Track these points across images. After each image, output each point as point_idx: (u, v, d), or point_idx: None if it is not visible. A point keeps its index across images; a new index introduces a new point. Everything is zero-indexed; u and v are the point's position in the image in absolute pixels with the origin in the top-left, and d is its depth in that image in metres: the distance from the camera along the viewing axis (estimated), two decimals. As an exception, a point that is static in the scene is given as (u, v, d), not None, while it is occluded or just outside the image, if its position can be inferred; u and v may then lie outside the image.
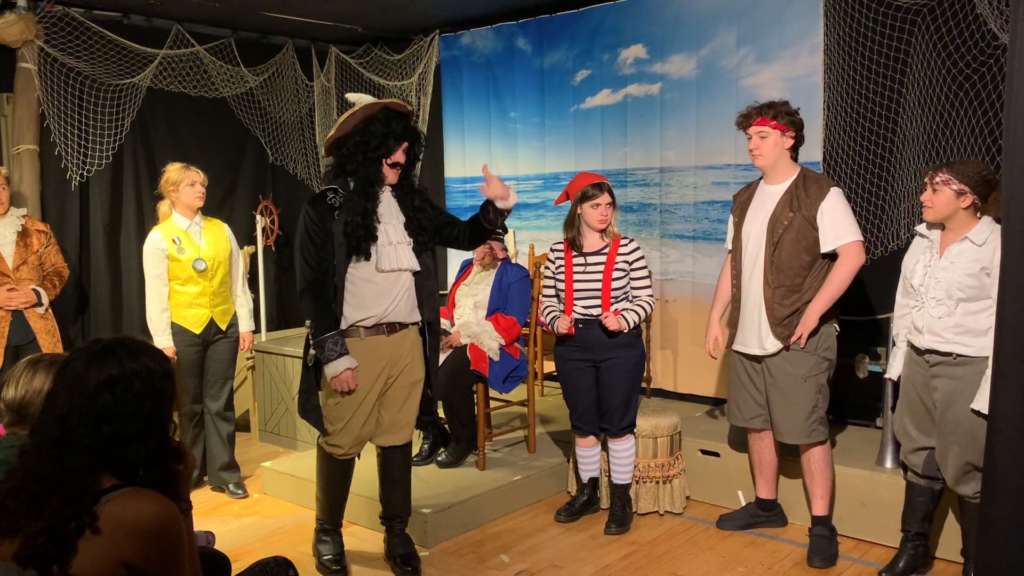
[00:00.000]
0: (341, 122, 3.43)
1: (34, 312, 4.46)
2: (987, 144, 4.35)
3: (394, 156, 3.46)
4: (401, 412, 3.64)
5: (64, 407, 1.86)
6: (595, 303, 4.03)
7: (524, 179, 6.31)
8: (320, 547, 3.75)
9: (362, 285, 3.44)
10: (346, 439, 3.54)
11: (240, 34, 6.39)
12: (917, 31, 4.48)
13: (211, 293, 4.56)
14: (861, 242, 3.72)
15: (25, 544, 1.77)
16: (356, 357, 3.44)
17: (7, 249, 4.44)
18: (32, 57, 5.35)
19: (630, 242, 4.09)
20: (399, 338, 3.56)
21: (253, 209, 6.39)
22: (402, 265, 3.50)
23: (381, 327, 3.51)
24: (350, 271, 3.43)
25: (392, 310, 3.51)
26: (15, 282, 4.40)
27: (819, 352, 3.77)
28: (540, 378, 5.76)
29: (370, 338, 3.49)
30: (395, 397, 3.61)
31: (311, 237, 3.41)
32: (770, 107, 3.80)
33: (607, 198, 4.02)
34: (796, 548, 3.91)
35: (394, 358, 3.55)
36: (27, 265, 4.47)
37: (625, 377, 4.07)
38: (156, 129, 6.11)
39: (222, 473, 4.77)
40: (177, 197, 4.53)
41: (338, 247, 3.40)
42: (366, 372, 3.47)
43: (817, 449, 3.82)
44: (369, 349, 3.48)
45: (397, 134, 3.44)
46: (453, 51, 6.58)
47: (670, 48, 5.39)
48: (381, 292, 3.47)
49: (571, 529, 4.22)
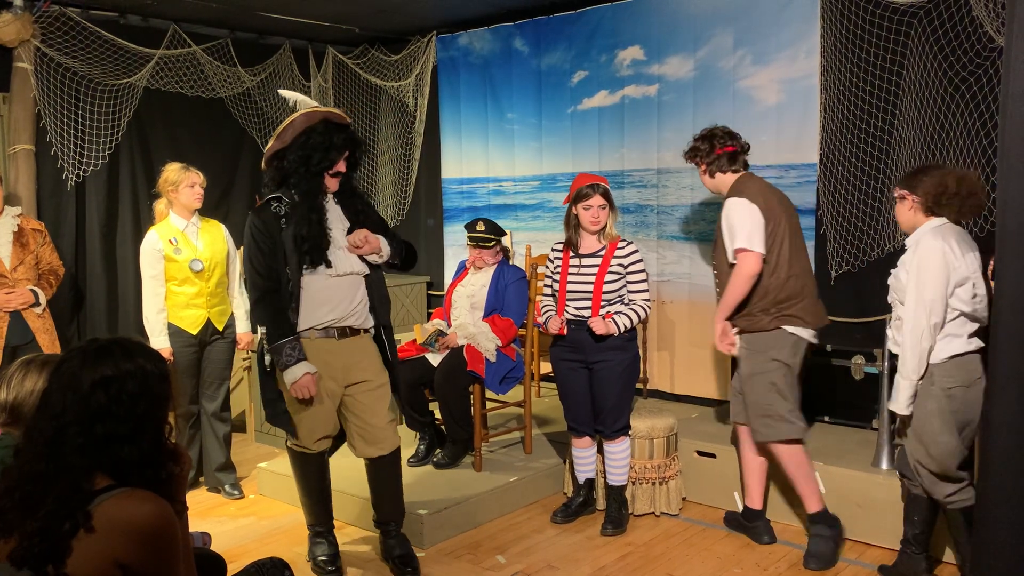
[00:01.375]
0: (278, 134, 3.44)
1: (32, 312, 4.43)
2: (983, 147, 4.36)
3: (336, 167, 3.48)
4: (377, 418, 3.61)
5: (58, 406, 1.86)
6: (587, 304, 4.03)
7: (521, 180, 6.31)
8: (315, 548, 3.75)
9: (315, 292, 3.47)
10: (310, 439, 3.58)
11: (237, 34, 6.39)
12: (914, 33, 4.49)
13: (208, 294, 4.56)
14: (748, 250, 3.74)
15: (20, 544, 1.77)
16: (309, 359, 3.45)
17: (4, 250, 4.39)
18: (28, 57, 5.34)
19: (627, 245, 4.08)
20: (350, 343, 3.56)
21: (249, 209, 6.38)
22: (353, 269, 3.53)
23: (332, 331, 3.52)
24: (304, 279, 3.45)
25: (347, 314, 3.52)
26: (12, 282, 4.37)
27: (766, 352, 3.80)
28: (537, 379, 5.76)
29: (320, 340, 3.50)
30: (364, 403, 3.59)
31: (259, 246, 3.43)
32: (692, 152, 4.07)
33: (599, 200, 4.00)
34: (793, 550, 3.91)
35: (347, 363, 3.54)
36: (24, 265, 4.43)
37: (617, 380, 4.06)
38: (153, 129, 6.10)
39: (218, 474, 4.77)
40: (176, 197, 4.52)
41: (289, 255, 3.42)
42: (319, 374, 3.48)
43: (782, 448, 3.83)
44: (320, 351, 3.49)
45: (338, 146, 3.44)
46: (450, 52, 6.58)
47: (667, 50, 5.40)
48: (334, 297, 3.49)
49: (567, 530, 4.21)
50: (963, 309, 3.26)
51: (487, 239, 4.69)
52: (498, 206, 6.41)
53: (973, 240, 3.42)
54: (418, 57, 6.57)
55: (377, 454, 3.65)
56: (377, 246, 3.55)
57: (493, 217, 5.75)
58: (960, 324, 3.29)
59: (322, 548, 3.73)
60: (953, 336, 3.29)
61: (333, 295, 3.49)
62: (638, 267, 4.07)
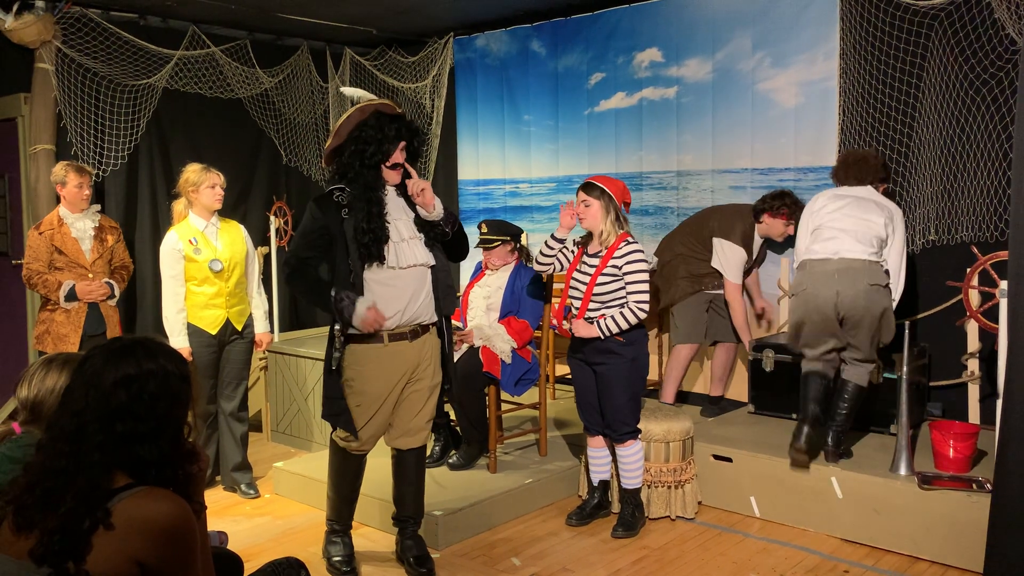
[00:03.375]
0: (336, 130, 3.44)
1: (107, 304, 4.74)
2: (1004, 150, 4.33)
3: (392, 158, 3.45)
4: (419, 416, 3.63)
5: (79, 402, 1.87)
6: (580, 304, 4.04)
7: (537, 181, 6.31)
8: (330, 548, 3.75)
9: (380, 288, 3.42)
10: (363, 436, 3.56)
11: (256, 35, 6.42)
12: (934, 35, 4.46)
13: (227, 294, 4.58)
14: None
15: (40, 541, 1.78)
16: (380, 362, 3.44)
17: (86, 244, 4.70)
18: (50, 57, 5.39)
19: (627, 245, 3.99)
20: (421, 343, 3.55)
21: (267, 210, 6.41)
22: (418, 260, 3.49)
23: (405, 333, 3.49)
24: (367, 275, 3.42)
25: (414, 310, 3.50)
26: (92, 275, 4.67)
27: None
28: (552, 381, 5.75)
29: (393, 344, 3.48)
30: (414, 400, 3.60)
31: (304, 229, 3.46)
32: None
33: (581, 195, 4.01)
34: (809, 555, 3.89)
35: (416, 363, 3.54)
36: (101, 259, 4.75)
37: (617, 384, 4.02)
38: (172, 130, 6.14)
39: (234, 473, 4.79)
40: (196, 198, 4.54)
41: (350, 246, 3.39)
42: (388, 376, 3.48)
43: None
44: (394, 355, 3.47)
45: (391, 137, 3.42)
46: (467, 53, 6.58)
47: (686, 52, 5.39)
48: (400, 293, 3.45)
49: (582, 533, 4.21)
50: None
51: (489, 240, 4.68)
52: (514, 208, 6.41)
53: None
54: (435, 58, 6.59)
55: (408, 445, 3.66)
56: (431, 200, 3.47)
57: (509, 218, 5.76)
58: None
59: (337, 548, 3.74)
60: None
61: (400, 290, 3.44)
62: (634, 267, 3.96)
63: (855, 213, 4.07)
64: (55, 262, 4.61)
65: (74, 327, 4.63)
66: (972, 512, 3.61)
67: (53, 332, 4.62)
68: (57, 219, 4.68)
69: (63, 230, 4.65)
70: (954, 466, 3.91)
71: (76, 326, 4.63)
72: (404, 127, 3.46)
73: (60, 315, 4.62)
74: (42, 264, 4.59)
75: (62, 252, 4.62)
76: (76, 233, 4.68)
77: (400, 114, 3.52)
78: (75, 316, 4.63)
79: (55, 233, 4.63)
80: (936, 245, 4.61)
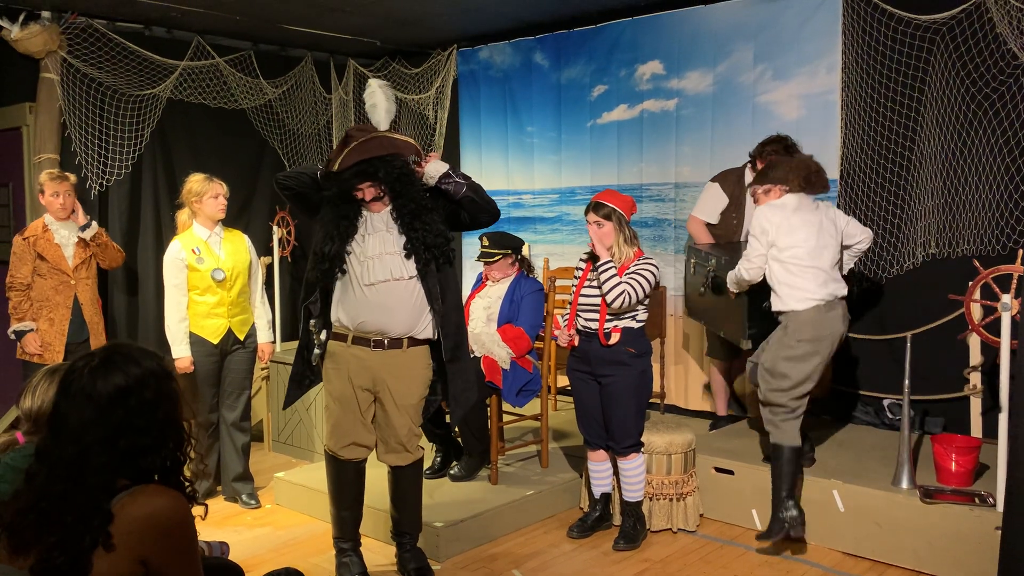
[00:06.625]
0: (332, 158, 3.45)
1: (92, 308, 4.82)
2: (1006, 164, 4.33)
3: (363, 195, 3.44)
4: (396, 433, 3.59)
5: (76, 425, 1.83)
6: (595, 316, 4.03)
7: (540, 193, 6.33)
8: (342, 571, 3.68)
9: (350, 295, 3.48)
10: (335, 442, 3.60)
11: (260, 46, 6.45)
12: (936, 50, 4.47)
13: (229, 303, 4.59)
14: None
15: (40, 558, 1.77)
16: (340, 363, 3.53)
17: (68, 251, 4.75)
18: (55, 67, 5.41)
19: (644, 260, 4.05)
20: (384, 356, 3.51)
21: (270, 220, 6.43)
22: (391, 276, 3.44)
23: (368, 340, 3.51)
24: (338, 284, 3.51)
25: (384, 322, 3.46)
26: (75, 281, 4.73)
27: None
28: (554, 393, 5.75)
29: (355, 347, 3.53)
30: (389, 417, 3.59)
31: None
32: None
33: (593, 216, 4.04)
34: (811, 568, 3.88)
35: (378, 375, 3.52)
36: (84, 264, 4.79)
37: (623, 396, 4.03)
38: (175, 140, 6.15)
39: (235, 484, 4.78)
40: (200, 208, 4.56)
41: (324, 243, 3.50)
42: (346, 377, 3.53)
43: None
44: (352, 358, 3.52)
45: (349, 179, 3.39)
46: (471, 65, 6.61)
47: (687, 64, 5.40)
48: (370, 304, 3.45)
49: (583, 545, 4.20)
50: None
51: (490, 254, 4.70)
52: (517, 219, 6.42)
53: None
54: (439, 70, 6.61)
55: (395, 463, 3.65)
56: (423, 169, 3.49)
57: (512, 230, 5.76)
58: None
59: (347, 570, 3.66)
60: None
61: (368, 303, 3.44)
62: (641, 267, 4.01)
63: (827, 242, 3.93)
64: (38, 268, 4.68)
65: (58, 334, 4.70)
66: (974, 526, 3.60)
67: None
68: (42, 226, 4.74)
69: (47, 236, 4.71)
70: (956, 480, 3.90)
71: (60, 333, 4.70)
72: (360, 171, 3.38)
73: (43, 323, 4.68)
74: (25, 276, 4.65)
75: (44, 258, 4.67)
76: (59, 240, 4.74)
77: (376, 156, 3.39)
78: (58, 324, 4.70)
79: (38, 239, 4.69)
80: (938, 258, 4.61)
